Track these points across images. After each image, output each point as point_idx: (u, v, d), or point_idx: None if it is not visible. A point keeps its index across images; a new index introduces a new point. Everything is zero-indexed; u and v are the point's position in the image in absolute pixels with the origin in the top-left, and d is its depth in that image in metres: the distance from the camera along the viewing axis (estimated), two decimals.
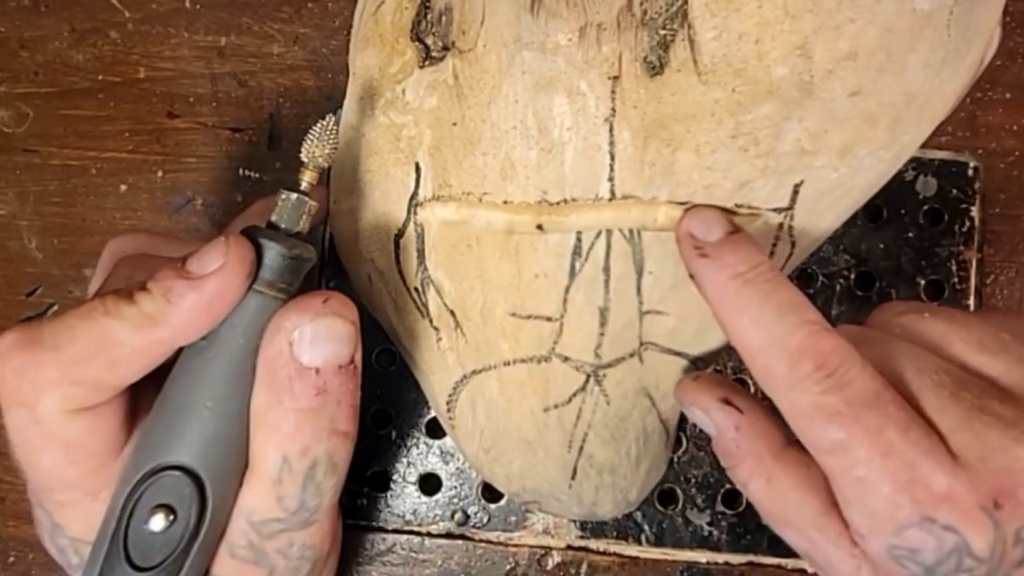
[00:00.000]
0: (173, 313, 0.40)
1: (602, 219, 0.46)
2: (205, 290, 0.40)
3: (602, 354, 0.50)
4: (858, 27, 0.42)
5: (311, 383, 0.41)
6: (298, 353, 0.41)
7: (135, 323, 0.39)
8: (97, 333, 0.39)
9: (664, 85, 0.44)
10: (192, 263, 0.41)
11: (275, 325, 0.42)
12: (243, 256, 0.41)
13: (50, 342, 0.40)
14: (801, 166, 0.44)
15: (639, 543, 0.67)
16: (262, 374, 0.42)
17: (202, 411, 0.41)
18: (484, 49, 0.46)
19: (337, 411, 0.43)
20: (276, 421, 0.41)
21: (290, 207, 0.44)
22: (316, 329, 0.42)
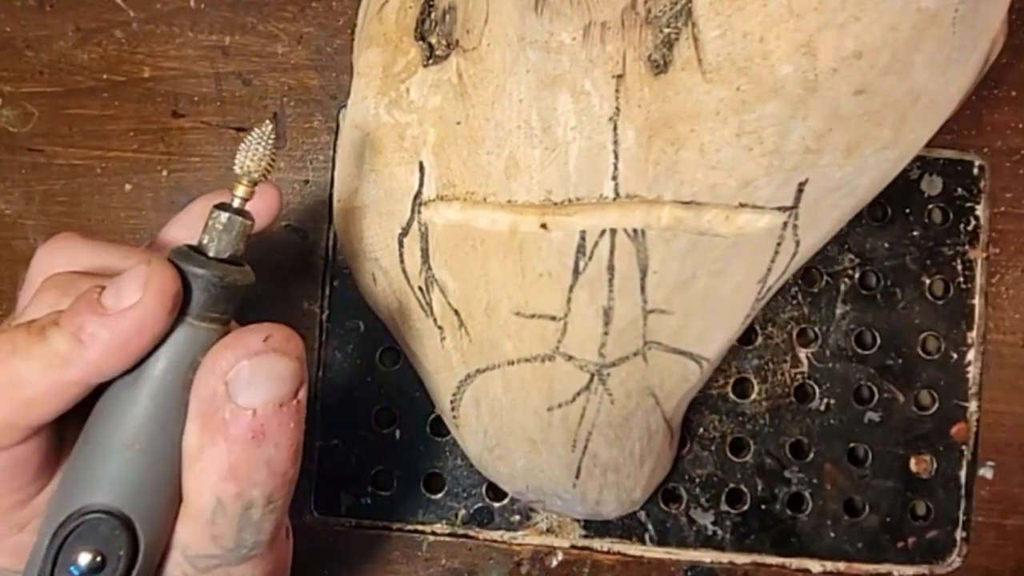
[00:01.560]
0: (86, 352, 0.37)
1: (606, 218, 0.46)
2: (120, 327, 0.37)
3: (606, 353, 0.50)
4: (863, 26, 0.42)
5: (247, 425, 0.38)
6: (234, 394, 0.38)
7: (45, 363, 0.37)
8: (5, 376, 0.37)
9: (668, 84, 0.44)
10: (108, 296, 0.38)
11: (209, 364, 0.39)
12: (163, 288, 0.38)
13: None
14: (806, 165, 0.44)
15: (643, 542, 0.67)
16: (195, 413, 0.39)
17: (129, 451, 0.38)
18: (488, 48, 0.46)
19: (275, 453, 0.39)
20: (208, 463, 0.38)
21: (220, 228, 0.40)
22: (255, 368, 0.38)
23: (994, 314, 0.66)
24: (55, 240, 0.47)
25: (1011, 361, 0.66)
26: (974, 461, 0.66)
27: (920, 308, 0.66)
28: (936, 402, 0.66)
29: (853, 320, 0.66)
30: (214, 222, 0.40)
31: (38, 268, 0.46)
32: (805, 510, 0.66)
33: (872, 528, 0.66)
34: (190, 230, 0.48)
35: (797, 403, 0.66)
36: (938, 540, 0.66)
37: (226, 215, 0.40)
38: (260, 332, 0.39)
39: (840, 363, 0.66)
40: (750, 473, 0.66)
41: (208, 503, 0.39)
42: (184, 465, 0.39)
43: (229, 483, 0.38)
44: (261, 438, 0.38)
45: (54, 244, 0.47)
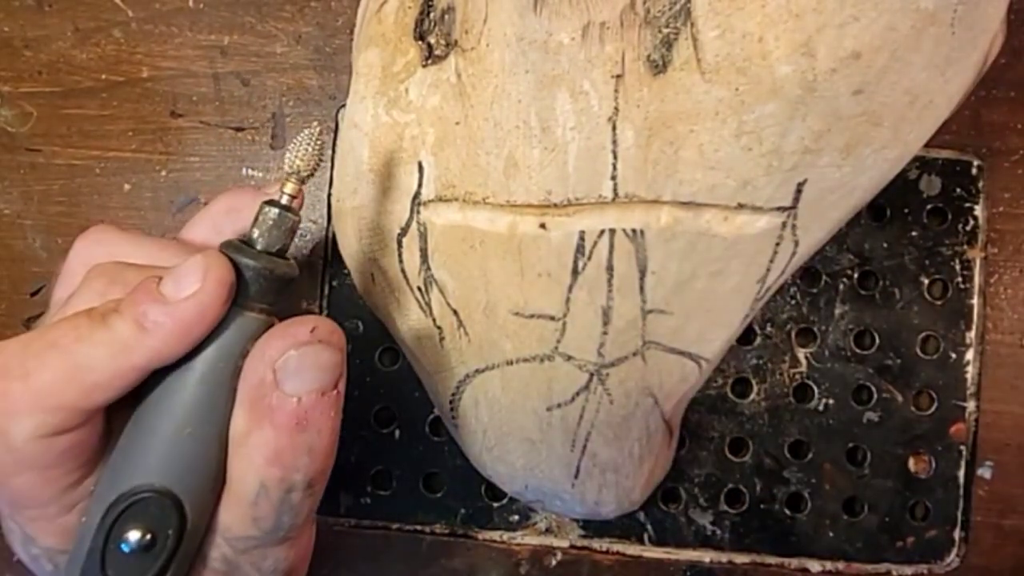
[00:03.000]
0: (149, 339, 0.38)
1: (605, 219, 0.46)
2: (182, 315, 0.39)
3: (605, 353, 0.50)
4: (862, 26, 0.42)
5: (293, 412, 0.40)
6: (281, 381, 0.40)
7: (109, 350, 0.38)
8: (69, 361, 0.38)
9: (667, 84, 0.44)
10: (167, 285, 0.39)
11: (259, 352, 0.40)
12: (222, 278, 0.39)
13: (18, 370, 0.38)
14: (804, 165, 0.44)
15: (642, 542, 0.67)
16: (243, 399, 0.40)
17: (180, 435, 0.39)
18: (487, 48, 0.46)
19: (317, 440, 0.41)
20: (255, 447, 0.40)
21: (271, 223, 0.42)
22: (302, 358, 0.40)
23: (992, 314, 0.66)
24: (93, 232, 0.48)
25: (1009, 361, 0.66)
26: (973, 461, 0.67)
27: (919, 308, 0.66)
28: (935, 402, 0.66)
29: (852, 320, 0.66)
30: (264, 217, 0.42)
31: (78, 259, 0.47)
32: (804, 510, 0.66)
33: (871, 528, 0.66)
34: (212, 227, 0.50)
35: (796, 403, 0.66)
36: (937, 540, 0.66)
37: (276, 211, 0.42)
38: (307, 323, 0.41)
39: (839, 363, 0.66)
40: (749, 473, 0.66)
41: (252, 486, 0.40)
42: (230, 449, 0.41)
43: (274, 467, 0.40)
44: (305, 424, 0.40)
45: (92, 235, 0.48)
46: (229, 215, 0.50)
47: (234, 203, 0.50)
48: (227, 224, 0.50)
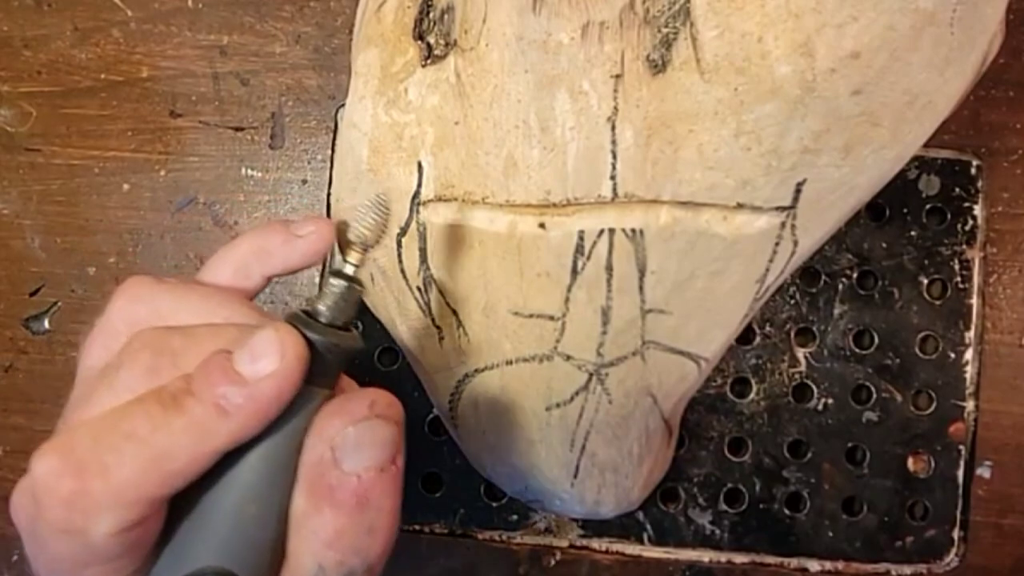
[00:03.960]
0: (229, 423, 0.37)
1: (604, 218, 0.46)
2: (262, 395, 0.37)
3: (604, 353, 0.50)
4: (861, 26, 0.42)
5: (352, 491, 0.38)
6: (340, 459, 0.38)
7: (189, 437, 0.36)
8: (148, 452, 0.36)
9: (667, 84, 0.44)
10: (243, 363, 0.37)
11: (317, 429, 0.39)
12: (299, 355, 0.38)
13: (96, 466, 0.35)
14: (804, 165, 0.44)
15: (641, 542, 0.67)
16: (303, 478, 0.39)
17: (242, 514, 0.38)
18: (486, 48, 0.46)
19: (376, 519, 0.39)
20: (314, 529, 0.39)
21: (338, 296, 0.41)
22: (360, 434, 0.39)
23: (991, 314, 0.66)
24: (132, 286, 0.45)
25: (1008, 361, 0.66)
26: (971, 460, 0.67)
27: (918, 308, 0.66)
28: (934, 402, 0.66)
29: (851, 320, 0.66)
30: (330, 289, 0.41)
31: (120, 318, 0.44)
32: (803, 509, 0.66)
33: (870, 527, 0.66)
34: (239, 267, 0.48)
35: (795, 403, 0.66)
36: (936, 539, 0.66)
37: (344, 284, 0.41)
38: (365, 398, 0.40)
39: (838, 363, 0.66)
40: (748, 473, 0.67)
41: (310, 569, 0.39)
42: (290, 528, 0.39)
43: (332, 550, 0.39)
44: (365, 504, 0.39)
45: (132, 291, 0.44)
46: (258, 257, 0.48)
47: (264, 244, 0.48)
48: (255, 266, 0.48)
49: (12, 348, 0.69)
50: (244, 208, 0.68)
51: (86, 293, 0.69)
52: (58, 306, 0.69)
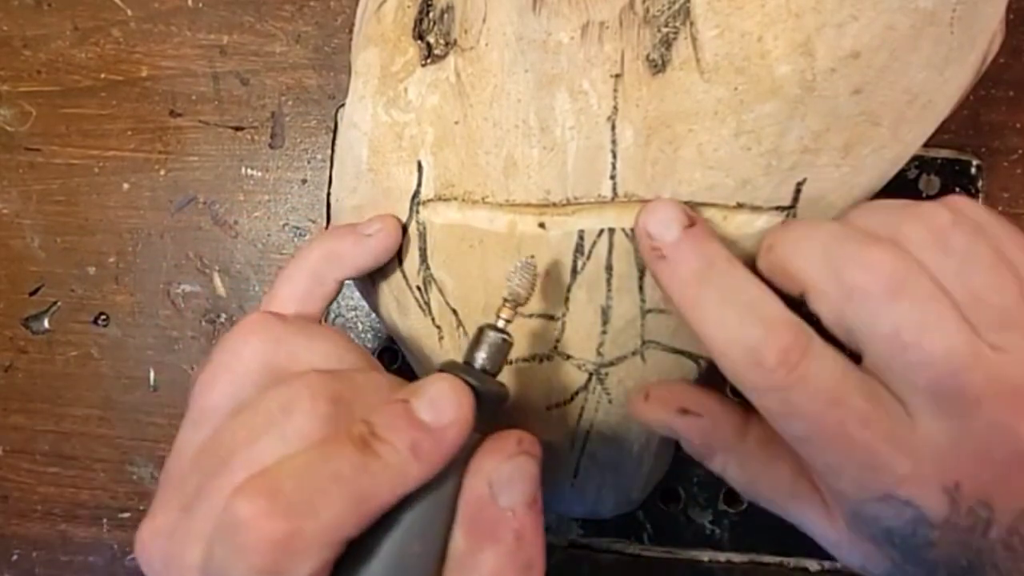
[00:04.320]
0: (421, 468, 0.38)
1: (604, 218, 0.46)
2: (449, 442, 0.39)
3: (604, 352, 0.50)
4: (861, 25, 0.42)
5: (510, 526, 0.39)
6: (497, 495, 0.40)
7: (388, 480, 0.37)
8: (352, 494, 0.37)
9: (666, 83, 0.44)
10: (424, 411, 0.39)
11: (475, 466, 0.40)
12: (472, 404, 0.40)
13: (305, 508, 0.36)
14: (803, 164, 0.44)
15: (641, 542, 0.67)
16: (463, 517, 0.40)
17: (407, 554, 0.39)
18: (486, 48, 0.46)
19: (533, 554, 0.40)
20: (477, 567, 0.39)
21: (494, 349, 0.43)
22: (513, 469, 0.40)
23: None
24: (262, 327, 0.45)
25: None
26: None
27: None
28: None
29: None
30: (486, 341, 0.43)
31: (254, 359, 0.44)
32: None
33: None
34: (312, 276, 0.49)
35: None
36: None
37: (500, 337, 0.43)
38: (513, 436, 0.41)
39: None
40: None
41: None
42: (448, 570, 0.40)
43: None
44: (522, 539, 0.39)
45: (265, 333, 0.45)
46: (330, 261, 0.49)
47: (334, 248, 0.49)
48: (328, 271, 0.49)
49: (12, 348, 0.69)
50: (244, 207, 0.68)
51: (86, 292, 0.69)
52: (58, 305, 0.69)
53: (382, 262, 0.51)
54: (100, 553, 0.69)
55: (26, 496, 0.69)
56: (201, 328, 0.69)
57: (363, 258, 0.50)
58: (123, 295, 0.69)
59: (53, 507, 0.69)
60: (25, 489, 0.69)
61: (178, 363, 0.69)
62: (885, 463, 0.39)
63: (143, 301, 0.69)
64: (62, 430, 0.69)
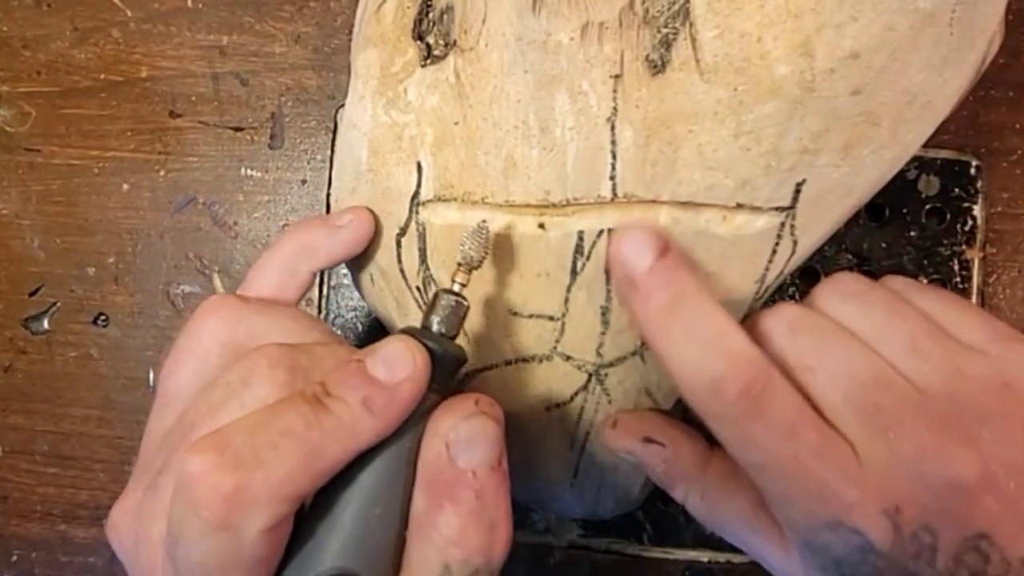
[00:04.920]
0: (375, 423, 0.39)
1: (604, 218, 0.46)
2: (402, 398, 0.39)
3: (604, 353, 0.50)
4: (860, 26, 0.42)
5: (469, 486, 0.40)
6: (455, 456, 0.40)
7: (340, 435, 0.38)
8: (303, 449, 0.37)
9: (666, 84, 0.44)
10: (378, 369, 0.40)
11: (432, 428, 0.41)
12: (427, 362, 0.41)
13: (254, 461, 0.36)
14: (803, 165, 0.44)
15: (640, 542, 0.67)
16: (422, 479, 0.40)
17: (368, 516, 0.39)
18: (485, 48, 0.46)
19: (495, 515, 0.40)
20: (438, 527, 0.39)
21: (449, 310, 0.44)
22: (470, 429, 0.40)
23: (991, 314, 0.66)
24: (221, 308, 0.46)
25: None
26: None
27: None
28: None
29: None
30: (440, 304, 0.44)
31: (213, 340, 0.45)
32: None
33: None
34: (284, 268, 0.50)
35: None
36: None
37: (454, 299, 0.44)
38: (470, 398, 0.42)
39: None
40: None
41: (434, 570, 0.40)
42: (411, 532, 0.40)
43: (458, 548, 0.39)
44: (483, 499, 0.40)
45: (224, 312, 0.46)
46: (304, 253, 0.50)
47: (307, 240, 0.50)
48: (302, 263, 0.50)
49: (11, 348, 0.69)
50: (243, 208, 0.68)
51: (85, 293, 0.69)
52: (57, 306, 0.69)
53: (356, 253, 0.52)
54: (100, 553, 0.69)
55: (26, 497, 0.69)
56: None
57: (337, 249, 0.51)
58: (123, 296, 0.69)
59: (53, 507, 0.69)
60: (25, 490, 0.69)
61: None
62: (834, 491, 0.41)
63: (143, 302, 0.69)
64: (62, 431, 0.69)
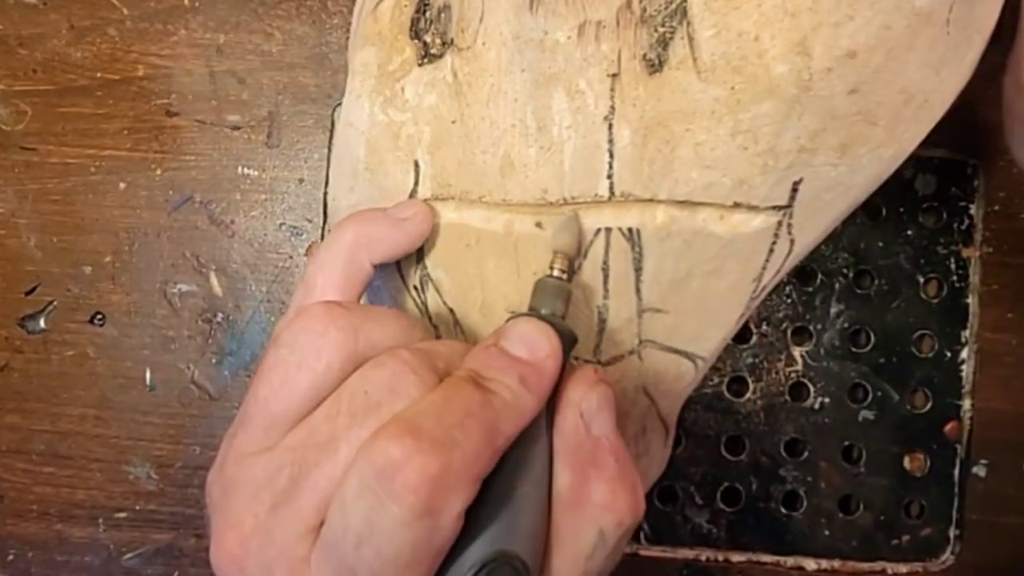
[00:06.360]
0: (532, 399, 0.39)
1: (601, 217, 0.46)
2: (549, 373, 0.40)
3: (601, 352, 0.49)
4: (857, 25, 0.42)
5: (609, 451, 0.40)
6: (589, 424, 0.41)
7: (509, 414, 0.38)
8: (485, 427, 0.37)
9: (663, 83, 0.44)
10: (519, 349, 0.41)
11: (565, 401, 0.41)
12: (559, 339, 0.41)
13: (449, 443, 0.36)
14: (800, 164, 0.44)
15: (638, 541, 0.67)
16: (563, 452, 0.41)
17: (518, 494, 0.39)
18: (483, 47, 0.46)
19: (633, 474, 0.41)
20: (589, 496, 0.40)
21: (554, 293, 0.44)
22: (599, 399, 0.41)
23: (988, 313, 0.66)
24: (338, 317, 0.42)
25: (1005, 360, 0.66)
26: (968, 459, 0.67)
27: (914, 307, 0.66)
28: (930, 400, 0.66)
29: (847, 319, 0.66)
30: (546, 290, 0.45)
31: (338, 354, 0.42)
32: (800, 508, 0.66)
33: (866, 526, 0.66)
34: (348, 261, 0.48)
35: (792, 401, 0.66)
36: (932, 538, 0.67)
37: (555, 281, 0.45)
38: (589, 367, 0.43)
39: (834, 362, 0.66)
40: (745, 471, 0.67)
41: (590, 538, 0.40)
42: (559, 507, 0.40)
43: (610, 512, 0.39)
44: (622, 463, 0.40)
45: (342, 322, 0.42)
46: (366, 246, 0.48)
47: (370, 232, 0.48)
48: (364, 256, 0.48)
49: (7, 347, 0.69)
50: (240, 207, 0.68)
51: (82, 292, 0.69)
52: (54, 305, 0.69)
53: (417, 246, 0.50)
54: (96, 553, 0.69)
55: (22, 496, 0.69)
56: (198, 327, 0.69)
57: (401, 241, 0.49)
58: (119, 295, 0.69)
59: (49, 507, 0.69)
60: (21, 489, 0.69)
61: (174, 363, 0.69)
62: None
63: (139, 301, 0.69)
64: (58, 430, 0.69)
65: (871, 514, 0.66)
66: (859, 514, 0.66)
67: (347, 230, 0.48)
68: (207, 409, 0.69)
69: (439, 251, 0.50)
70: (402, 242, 0.48)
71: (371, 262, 0.48)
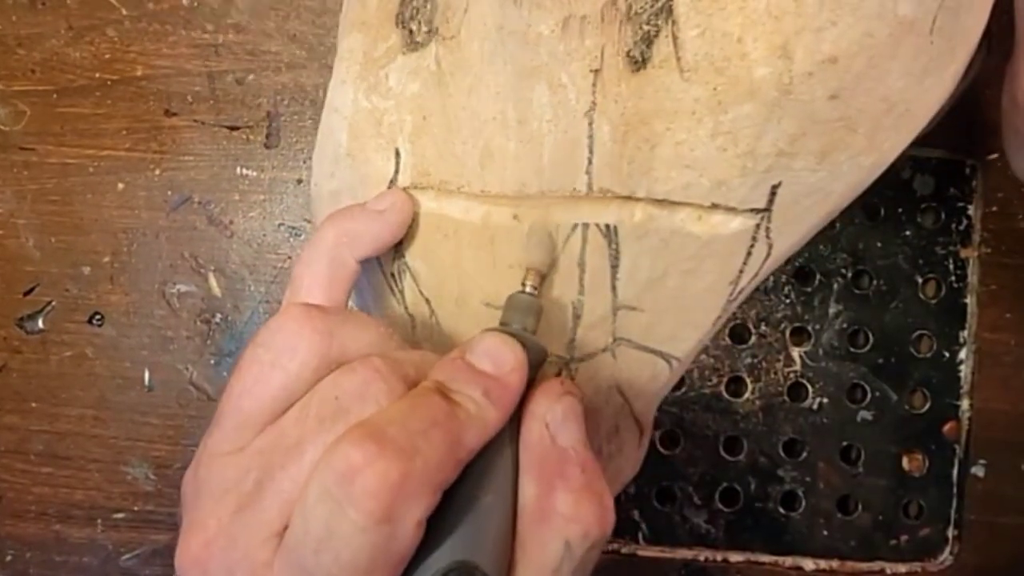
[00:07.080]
0: (497, 413, 0.39)
1: (579, 212, 0.46)
2: (515, 387, 0.40)
3: (575, 348, 0.49)
4: (839, 31, 0.41)
5: (574, 462, 0.40)
6: (555, 435, 0.41)
7: (473, 426, 0.38)
8: (449, 438, 0.37)
9: (646, 81, 0.44)
10: (484, 362, 0.41)
11: (530, 412, 0.41)
12: (524, 352, 0.41)
13: (411, 450, 0.36)
14: (779, 168, 0.44)
15: (636, 541, 0.67)
16: (529, 464, 0.41)
17: (481, 504, 0.39)
18: (467, 37, 0.46)
19: (600, 485, 0.41)
20: (555, 507, 0.39)
21: (525, 308, 0.45)
22: (564, 410, 0.41)
23: (986, 313, 0.66)
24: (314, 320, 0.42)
25: (1003, 360, 0.66)
26: (966, 459, 0.67)
27: (913, 307, 0.66)
28: (928, 401, 0.66)
29: (846, 319, 0.66)
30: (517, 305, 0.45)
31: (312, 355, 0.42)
32: (798, 508, 0.66)
33: (865, 526, 0.66)
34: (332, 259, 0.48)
35: (790, 402, 0.66)
36: (930, 538, 0.66)
37: (527, 298, 0.45)
38: (556, 379, 0.43)
39: (833, 362, 0.66)
40: (743, 472, 0.67)
41: (556, 550, 0.40)
42: (524, 518, 0.40)
43: (575, 524, 0.39)
44: (588, 473, 0.40)
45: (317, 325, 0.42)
46: (348, 242, 0.48)
47: (351, 227, 0.48)
48: (348, 252, 0.48)
49: (6, 347, 0.69)
50: (239, 207, 0.68)
51: (80, 292, 0.69)
52: (52, 305, 0.69)
53: (399, 237, 0.49)
54: (94, 553, 0.69)
55: (20, 496, 0.69)
56: (196, 328, 0.69)
57: (383, 233, 0.48)
58: (118, 295, 0.69)
59: (47, 507, 0.69)
60: (19, 489, 0.69)
61: (173, 363, 0.69)
62: None
63: (138, 301, 0.69)
64: (56, 430, 0.70)
65: (870, 514, 0.66)
66: (858, 514, 0.66)
67: (328, 229, 0.48)
68: (205, 410, 0.69)
69: (417, 241, 0.49)
70: (384, 234, 0.48)
71: (355, 258, 0.48)
